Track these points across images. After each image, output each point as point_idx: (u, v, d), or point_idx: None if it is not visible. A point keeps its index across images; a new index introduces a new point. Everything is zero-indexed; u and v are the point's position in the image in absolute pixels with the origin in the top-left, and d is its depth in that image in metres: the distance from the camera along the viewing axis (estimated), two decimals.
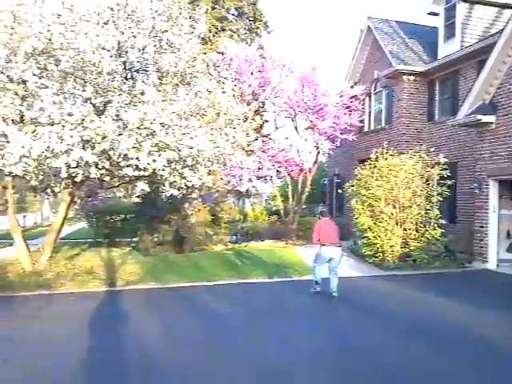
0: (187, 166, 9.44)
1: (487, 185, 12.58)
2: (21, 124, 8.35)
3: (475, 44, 14.51)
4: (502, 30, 12.09)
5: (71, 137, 7.88)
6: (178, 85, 10.44)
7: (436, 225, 12.61)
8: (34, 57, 8.67)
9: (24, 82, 8.32)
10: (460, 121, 13.24)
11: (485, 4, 15.59)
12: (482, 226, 12.67)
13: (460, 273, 12.16)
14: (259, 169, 17.73)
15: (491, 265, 12.37)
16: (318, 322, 7.72)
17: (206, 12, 21.83)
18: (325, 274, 9.24)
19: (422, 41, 17.89)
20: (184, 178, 9.53)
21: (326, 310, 8.53)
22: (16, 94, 8.21)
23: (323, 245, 9.09)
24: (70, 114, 8.13)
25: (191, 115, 10.57)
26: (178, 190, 9.97)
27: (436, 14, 16.87)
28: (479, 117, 12.36)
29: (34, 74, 8.40)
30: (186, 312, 8.20)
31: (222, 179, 17.82)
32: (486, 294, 9.63)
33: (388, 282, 10.99)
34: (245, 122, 13.02)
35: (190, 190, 13.21)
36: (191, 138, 9.17)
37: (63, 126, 7.96)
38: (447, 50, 15.90)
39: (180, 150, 8.98)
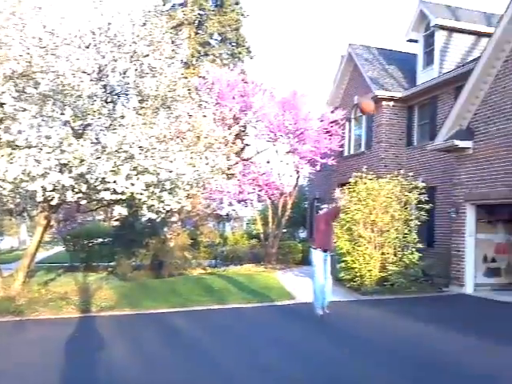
0: (166, 190, 9.40)
1: (464, 209, 12.66)
2: None
3: (453, 71, 14.81)
4: (479, 57, 12.33)
5: (48, 160, 7.81)
6: (158, 108, 10.47)
7: (414, 249, 12.61)
8: (12, 79, 8.62)
9: (1, 104, 8.24)
10: (438, 146, 13.43)
11: (462, 32, 16.00)
12: (458, 250, 12.72)
13: (436, 297, 12.14)
14: (240, 192, 17.69)
15: (468, 289, 12.39)
16: (288, 348, 7.61)
17: (188, 37, 22.11)
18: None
19: (402, 67, 18.25)
20: (162, 201, 9.46)
21: (300, 335, 8.42)
22: None
23: None
24: (47, 137, 8.10)
25: (171, 139, 10.55)
26: (157, 213, 9.87)
27: (416, 41, 17.27)
28: (456, 142, 12.53)
29: (12, 97, 8.34)
30: (158, 339, 7.98)
31: (201, 203, 17.76)
32: (462, 320, 9.60)
33: (366, 307, 10.95)
34: (225, 145, 13.00)
35: (169, 214, 13.14)
36: (170, 161, 9.14)
37: (40, 149, 7.90)
38: (426, 76, 16.23)
39: (159, 174, 8.94)
